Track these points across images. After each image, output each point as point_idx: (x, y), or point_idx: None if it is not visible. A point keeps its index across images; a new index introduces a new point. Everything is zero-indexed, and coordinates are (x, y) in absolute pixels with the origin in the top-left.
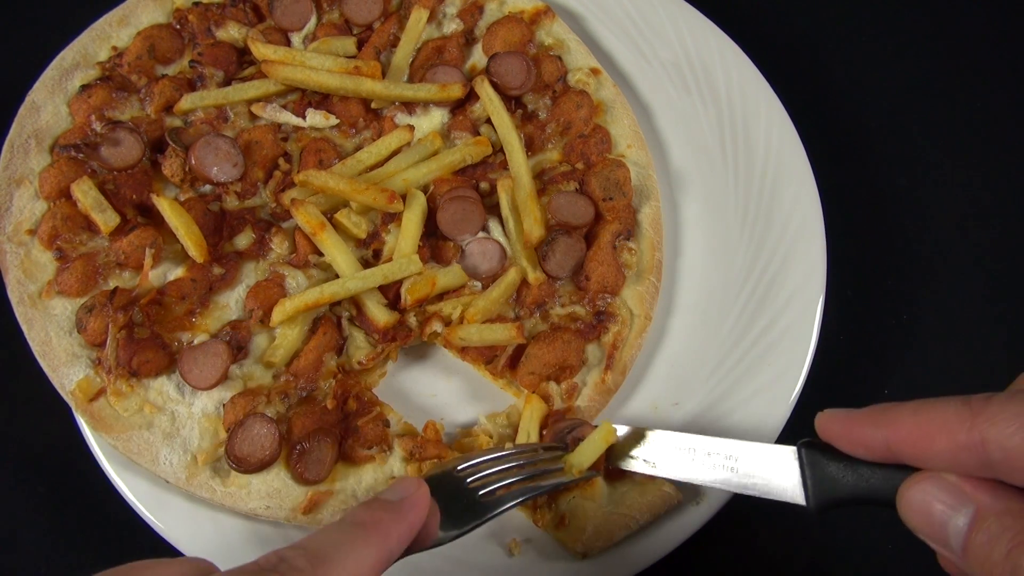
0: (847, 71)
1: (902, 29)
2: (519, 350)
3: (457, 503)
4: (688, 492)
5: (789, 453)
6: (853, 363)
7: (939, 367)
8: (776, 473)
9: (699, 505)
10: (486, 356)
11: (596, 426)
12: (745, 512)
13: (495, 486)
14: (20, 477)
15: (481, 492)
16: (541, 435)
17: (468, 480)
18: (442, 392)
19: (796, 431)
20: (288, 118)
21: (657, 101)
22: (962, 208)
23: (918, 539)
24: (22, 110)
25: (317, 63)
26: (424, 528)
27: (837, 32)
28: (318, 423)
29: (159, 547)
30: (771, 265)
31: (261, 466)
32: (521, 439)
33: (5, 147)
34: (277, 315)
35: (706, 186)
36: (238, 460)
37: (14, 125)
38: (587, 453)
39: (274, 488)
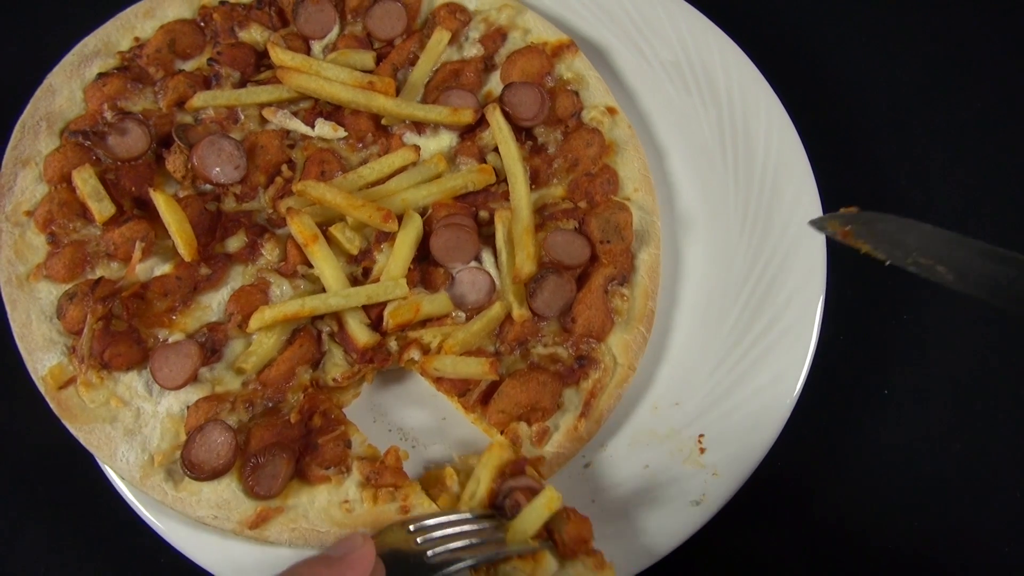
0: (847, 71)
1: (902, 29)
2: (493, 386)
3: (404, 563)
4: (688, 493)
5: None
6: (853, 363)
7: (939, 367)
8: None
9: (699, 505)
10: (460, 389)
11: (533, 490)
12: (745, 513)
13: (444, 548)
14: (19, 477)
15: (429, 553)
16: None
17: (417, 540)
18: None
19: (796, 430)
20: (297, 126)
21: (657, 102)
22: (962, 208)
23: (918, 540)
24: (39, 92)
25: (332, 74)
26: None
27: (837, 32)
28: (277, 437)
29: (159, 547)
30: (771, 265)
31: (213, 474)
32: (471, 486)
33: (17, 126)
34: (254, 322)
35: (706, 186)
36: (191, 466)
37: (29, 105)
38: (529, 521)
39: (223, 499)
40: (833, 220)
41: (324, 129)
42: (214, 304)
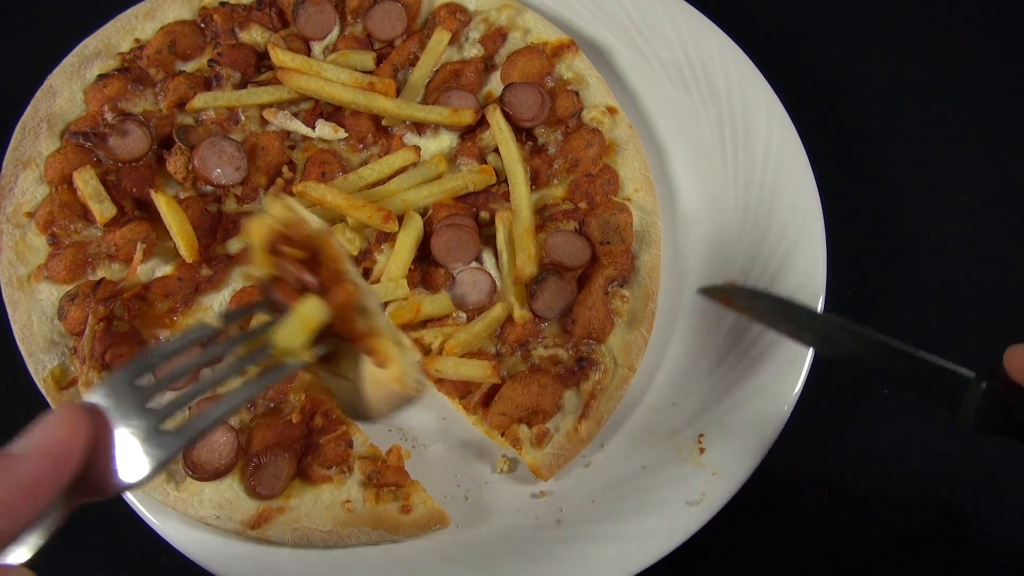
0: (847, 71)
1: (902, 29)
2: (495, 387)
3: (140, 429)
4: (687, 493)
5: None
6: None
7: None
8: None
9: (699, 505)
10: (461, 390)
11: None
12: (745, 513)
13: (181, 406)
14: None
15: (165, 418)
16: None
17: (150, 399)
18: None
19: (796, 430)
20: (298, 127)
21: (657, 102)
22: (962, 208)
23: (917, 540)
24: (39, 93)
25: (332, 75)
26: (95, 472)
27: (837, 32)
28: (279, 437)
29: (158, 547)
30: (771, 265)
31: (216, 475)
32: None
33: (18, 128)
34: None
35: (706, 186)
36: (194, 466)
37: (29, 107)
38: (289, 339)
39: (225, 499)
40: (717, 290)
41: (324, 130)
42: (216, 305)
